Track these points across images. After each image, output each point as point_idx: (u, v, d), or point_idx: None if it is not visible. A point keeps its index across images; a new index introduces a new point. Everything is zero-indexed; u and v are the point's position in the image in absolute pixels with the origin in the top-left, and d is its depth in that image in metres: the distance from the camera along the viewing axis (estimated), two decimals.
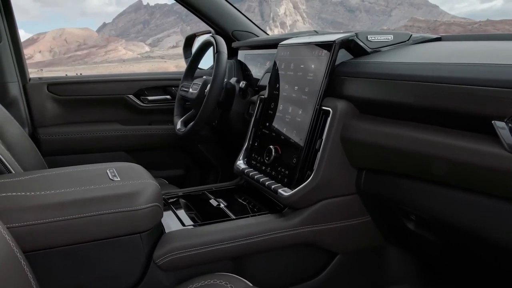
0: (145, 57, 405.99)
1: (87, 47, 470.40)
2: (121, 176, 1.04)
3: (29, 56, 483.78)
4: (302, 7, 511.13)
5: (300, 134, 1.14)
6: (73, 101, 1.94)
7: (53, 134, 1.87)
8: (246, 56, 1.87)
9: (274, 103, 1.30)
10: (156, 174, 2.03)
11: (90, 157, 1.93)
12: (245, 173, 1.32)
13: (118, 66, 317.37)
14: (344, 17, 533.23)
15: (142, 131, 2.01)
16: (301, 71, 1.20)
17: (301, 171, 1.12)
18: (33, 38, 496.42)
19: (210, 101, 1.44)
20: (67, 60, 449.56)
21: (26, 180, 1.02)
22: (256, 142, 1.36)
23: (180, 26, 50.27)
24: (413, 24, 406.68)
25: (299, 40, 1.29)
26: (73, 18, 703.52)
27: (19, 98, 1.81)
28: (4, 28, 1.74)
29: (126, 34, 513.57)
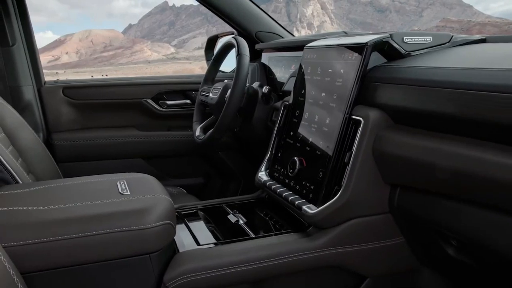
0: (170, 58, 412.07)
1: (112, 49, 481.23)
2: (131, 189, 0.99)
3: (56, 58, 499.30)
4: (330, 8, 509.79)
5: (328, 145, 1.06)
6: (89, 106, 1.92)
7: (68, 140, 1.85)
8: (270, 58, 1.81)
9: (299, 110, 1.23)
10: (175, 182, 2.00)
11: (106, 164, 1.90)
12: (267, 186, 1.26)
13: (143, 67, 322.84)
14: (373, 18, 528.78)
15: (161, 137, 1.97)
16: (329, 76, 1.12)
17: (328, 187, 1.04)
18: (60, 39, 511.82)
19: (231, 107, 1.38)
20: (93, 62, 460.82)
21: (30, 193, 0.98)
22: (279, 153, 1.29)
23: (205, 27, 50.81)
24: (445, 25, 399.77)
25: (327, 42, 1.21)
26: (99, 20, 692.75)
27: (33, 102, 1.80)
28: (19, 30, 1.72)
29: (151, 36, 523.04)
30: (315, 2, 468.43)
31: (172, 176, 2.02)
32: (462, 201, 0.85)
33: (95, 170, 1.90)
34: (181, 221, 1.21)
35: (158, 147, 1.96)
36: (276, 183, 1.24)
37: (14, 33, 1.71)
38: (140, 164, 1.95)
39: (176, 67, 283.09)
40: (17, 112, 1.53)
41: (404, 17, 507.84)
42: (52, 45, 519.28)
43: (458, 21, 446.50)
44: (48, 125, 1.86)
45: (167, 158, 2.01)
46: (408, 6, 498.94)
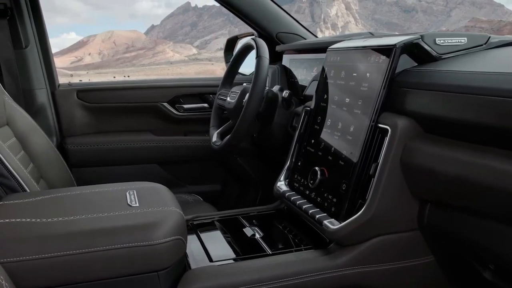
0: (192, 59, 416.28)
1: (135, 49, 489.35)
2: (141, 200, 0.95)
3: (79, 59, 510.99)
4: (354, 8, 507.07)
5: (351, 155, 1.00)
6: (104, 109, 1.90)
7: (81, 145, 1.83)
8: (292, 61, 1.76)
9: (321, 116, 1.17)
10: (191, 189, 1.96)
11: (120, 169, 1.87)
12: (286, 197, 1.20)
13: (165, 68, 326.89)
14: (399, 18, 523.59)
15: (177, 142, 1.93)
16: (353, 80, 1.06)
17: (351, 200, 0.98)
18: (83, 40, 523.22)
19: (248, 112, 1.34)
20: (115, 63, 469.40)
21: (35, 203, 0.95)
22: (300, 161, 1.23)
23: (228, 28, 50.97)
24: (475, 25, 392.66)
25: (352, 44, 1.15)
26: (122, 21, 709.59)
27: (47, 106, 1.78)
28: (32, 32, 1.71)
29: (173, 36, 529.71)
30: (340, 2, 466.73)
31: (188, 183, 1.99)
32: (501, 221, 0.78)
33: (109, 176, 1.88)
34: (194, 233, 1.17)
35: (174, 152, 1.93)
36: (296, 194, 1.19)
37: (28, 35, 1.70)
38: (155, 170, 1.92)
39: (198, 68, 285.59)
40: (30, 116, 1.52)
41: (431, 17, 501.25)
42: (75, 46, 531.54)
43: (488, 21, 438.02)
44: (62, 129, 1.84)
45: (183, 164, 1.97)
46: (435, 6, 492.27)
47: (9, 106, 1.44)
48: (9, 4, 1.63)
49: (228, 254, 1.06)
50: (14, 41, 1.67)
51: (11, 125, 1.44)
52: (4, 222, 0.84)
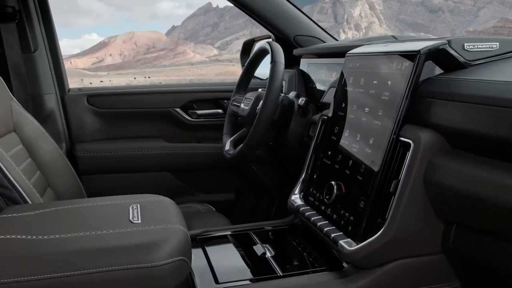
0: (213, 60, 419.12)
1: (156, 50, 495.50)
2: (143, 216, 0.91)
3: (100, 59, 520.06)
4: (379, 8, 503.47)
5: (370, 170, 0.94)
6: (114, 115, 1.87)
7: (91, 151, 1.81)
8: (309, 65, 1.70)
9: (338, 126, 1.11)
10: (204, 198, 1.92)
11: (131, 177, 1.84)
12: (300, 212, 1.15)
13: (186, 69, 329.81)
14: (424, 18, 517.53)
15: (190, 149, 1.89)
16: (373, 88, 1.00)
17: (370, 219, 0.92)
18: (105, 41, 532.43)
19: (262, 121, 1.29)
20: (136, 63, 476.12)
21: (33, 217, 0.92)
22: (315, 174, 1.17)
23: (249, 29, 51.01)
24: (504, 25, 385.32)
25: (372, 49, 1.09)
26: (143, 22, 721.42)
27: (56, 111, 1.77)
28: (41, 35, 1.70)
29: (194, 37, 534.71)
30: (363, 3, 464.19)
31: (201, 192, 1.95)
32: None
33: (119, 184, 1.86)
34: (201, 249, 1.12)
35: (186, 160, 1.89)
36: (311, 209, 1.13)
37: (37, 38, 1.68)
38: (167, 177, 1.89)
39: (219, 69, 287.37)
40: (39, 122, 1.50)
41: (458, 17, 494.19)
42: (96, 47, 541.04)
43: None
44: (72, 135, 1.82)
45: (196, 172, 1.93)
46: (462, 6, 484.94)
47: (17, 112, 1.42)
48: (17, 7, 1.62)
49: (236, 275, 1.00)
50: (23, 45, 1.66)
51: (18, 131, 1.42)
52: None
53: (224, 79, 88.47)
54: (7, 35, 1.61)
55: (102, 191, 1.81)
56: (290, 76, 1.71)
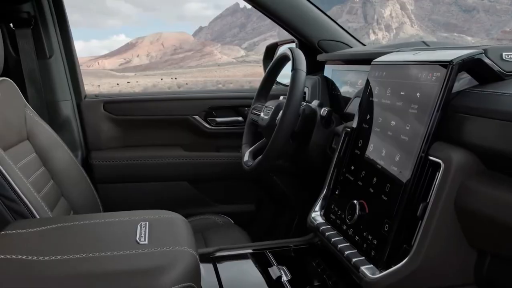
0: (240, 61, 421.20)
1: (182, 51, 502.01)
2: (151, 236, 0.87)
3: (127, 60, 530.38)
4: (410, 8, 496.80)
5: (396, 190, 0.87)
6: (131, 122, 1.85)
7: (107, 159, 1.79)
8: (334, 72, 1.64)
9: (362, 139, 1.05)
10: (222, 209, 1.88)
11: (147, 186, 1.82)
12: (320, 231, 1.09)
13: (213, 70, 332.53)
14: (458, 18, 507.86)
15: (209, 158, 1.86)
16: (401, 100, 0.94)
17: (394, 244, 0.85)
18: (132, 42, 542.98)
19: (281, 133, 1.24)
20: (163, 64, 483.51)
21: (38, 234, 0.89)
22: (337, 190, 1.11)
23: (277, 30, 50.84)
24: None
25: (400, 57, 1.03)
26: (171, 22, 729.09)
27: (72, 118, 1.75)
28: (57, 41, 1.69)
29: (221, 38, 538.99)
30: (394, 2, 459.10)
31: (220, 202, 1.91)
32: None
33: (135, 193, 1.83)
34: (213, 270, 1.07)
35: (205, 169, 1.85)
36: (332, 228, 1.07)
37: (52, 44, 1.67)
38: (185, 187, 1.85)
39: (246, 70, 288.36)
40: (54, 129, 1.49)
41: (494, 17, 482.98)
42: (124, 48, 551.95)
43: None
44: (87, 143, 1.81)
45: (215, 182, 1.89)
46: (498, 5, 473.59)
47: (31, 119, 1.41)
48: (33, 12, 1.61)
49: None
50: (38, 51, 1.65)
51: (32, 140, 1.41)
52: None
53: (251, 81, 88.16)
54: (22, 41, 1.61)
55: (118, 201, 1.79)
56: (314, 83, 1.65)
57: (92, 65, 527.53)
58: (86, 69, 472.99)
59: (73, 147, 1.69)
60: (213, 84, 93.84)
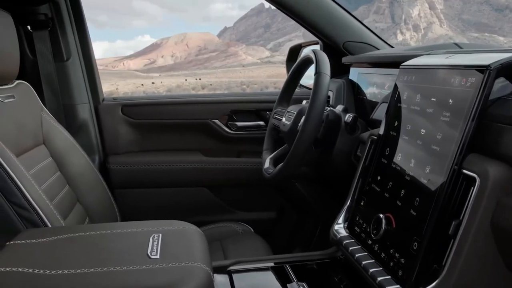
0: (265, 62, 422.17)
1: (207, 52, 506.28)
2: (163, 250, 0.84)
3: (152, 61, 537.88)
4: (439, 7, 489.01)
5: (426, 205, 0.82)
6: (150, 126, 1.83)
7: (125, 164, 1.77)
8: (360, 75, 1.58)
9: (390, 148, 0.99)
10: (243, 216, 1.84)
11: (165, 192, 1.80)
12: (343, 245, 1.04)
13: (238, 71, 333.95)
14: (489, 18, 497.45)
15: (229, 164, 1.82)
16: (431, 107, 0.88)
17: (424, 264, 0.80)
18: (157, 43, 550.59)
19: (304, 139, 1.19)
20: (187, 65, 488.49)
21: (46, 245, 0.87)
22: (362, 201, 1.06)
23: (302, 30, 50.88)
24: None
25: (431, 61, 0.97)
26: (196, 23, 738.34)
27: (89, 122, 1.74)
28: (75, 43, 1.68)
29: (246, 39, 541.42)
30: (423, 2, 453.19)
31: (240, 209, 1.87)
32: None
33: (153, 199, 1.81)
34: (229, 282, 1.03)
35: (225, 175, 1.82)
36: (356, 242, 1.02)
37: (69, 46, 1.66)
38: (204, 193, 1.83)
39: (271, 71, 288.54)
40: (71, 133, 1.48)
41: None
42: (149, 48, 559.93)
43: None
44: (105, 147, 1.80)
45: (235, 188, 1.86)
46: None
47: (47, 123, 1.40)
48: (50, 14, 1.60)
49: None
50: (55, 53, 1.64)
51: (48, 144, 1.40)
52: (5, 271, 0.76)
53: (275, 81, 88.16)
54: (39, 43, 1.60)
55: (135, 207, 1.77)
56: (338, 87, 1.60)
57: (117, 65, 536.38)
58: (111, 69, 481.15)
59: (90, 151, 1.68)
60: (237, 85, 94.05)
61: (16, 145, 1.19)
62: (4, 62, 1.18)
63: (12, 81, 1.30)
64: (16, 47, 1.25)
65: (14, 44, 1.24)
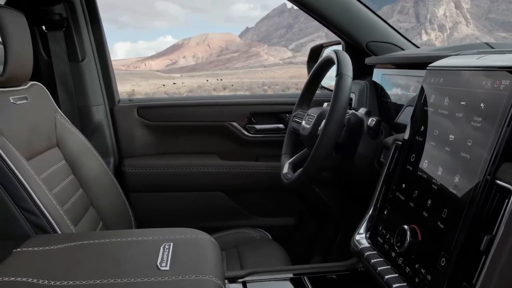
0: (286, 63, 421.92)
1: (229, 52, 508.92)
2: (174, 260, 0.80)
3: (173, 62, 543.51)
4: (465, 7, 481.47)
5: (455, 218, 0.76)
6: (166, 128, 1.81)
7: (140, 167, 1.75)
8: (384, 76, 1.53)
9: (415, 154, 0.94)
10: (260, 222, 1.81)
11: (181, 196, 1.77)
12: (364, 257, 0.99)
13: (259, 71, 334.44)
14: None
15: (247, 168, 1.79)
16: (461, 111, 0.83)
17: (452, 282, 0.74)
18: (178, 43, 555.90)
19: (324, 144, 1.15)
20: (209, 66, 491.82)
21: (53, 253, 0.85)
22: (386, 210, 1.01)
23: (325, 30, 50.53)
24: None
25: (461, 61, 0.92)
26: (217, 24, 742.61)
27: (104, 124, 1.73)
28: (90, 44, 1.66)
29: (268, 39, 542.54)
30: (449, 1, 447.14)
31: (257, 214, 1.83)
32: None
33: (169, 203, 1.79)
34: None
35: (243, 179, 1.79)
36: (378, 254, 0.97)
37: (85, 47, 1.65)
38: (221, 198, 1.79)
39: (293, 72, 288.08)
40: (85, 135, 1.46)
41: None
42: (170, 49, 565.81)
43: None
44: (120, 149, 1.78)
45: (253, 193, 1.82)
46: None
47: (61, 125, 1.39)
48: (65, 14, 1.59)
49: None
50: (70, 54, 1.63)
51: (61, 146, 1.38)
52: (5, 281, 0.73)
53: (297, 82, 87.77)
54: (54, 43, 1.59)
55: (150, 211, 1.75)
56: (361, 89, 1.55)
57: (139, 66, 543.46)
58: (133, 70, 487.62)
59: (105, 154, 1.67)
60: (258, 86, 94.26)
61: (28, 148, 1.18)
62: (17, 63, 1.16)
63: (26, 82, 1.29)
64: (29, 47, 1.23)
65: (27, 44, 1.22)
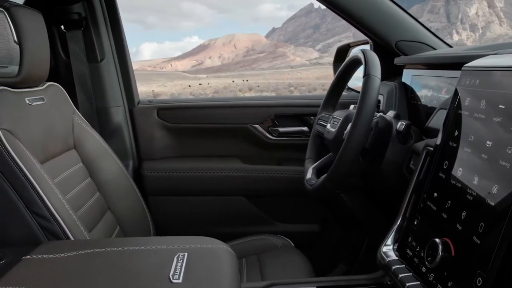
0: (313, 63, 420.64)
1: (255, 53, 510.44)
2: (187, 273, 0.77)
3: (199, 62, 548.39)
4: (499, 6, 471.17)
5: (493, 233, 0.70)
6: (186, 130, 1.79)
7: (160, 170, 1.73)
8: (414, 77, 1.47)
9: (448, 161, 0.89)
10: (283, 229, 1.76)
11: (201, 201, 1.75)
12: (392, 271, 0.93)
13: (285, 72, 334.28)
14: None
15: (269, 172, 1.75)
16: (499, 115, 0.77)
17: None
18: (204, 44, 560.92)
19: (350, 149, 1.10)
20: (234, 66, 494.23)
21: (62, 262, 0.83)
22: (416, 220, 0.95)
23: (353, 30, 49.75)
24: None
25: (500, 61, 0.86)
26: (244, 24, 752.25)
27: (123, 126, 1.71)
28: (109, 44, 1.65)
29: (294, 39, 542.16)
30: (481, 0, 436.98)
31: (280, 221, 1.79)
32: None
33: (188, 207, 1.76)
34: None
35: (265, 184, 1.75)
36: (407, 268, 0.91)
37: (104, 47, 1.64)
38: (242, 203, 1.76)
39: (320, 73, 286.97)
40: (104, 137, 1.45)
41: None
42: (196, 49, 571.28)
43: None
44: (140, 151, 1.77)
45: (275, 198, 1.79)
46: None
47: (79, 127, 1.37)
48: (84, 13, 1.58)
49: None
50: (89, 54, 1.62)
51: (79, 148, 1.37)
52: None
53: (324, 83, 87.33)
54: (72, 43, 1.59)
55: (169, 215, 1.73)
56: (390, 90, 1.49)
57: (165, 66, 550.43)
58: (159, 70, 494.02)
59: (123, 156, 1.66)
60: (284, 87, 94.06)
61: (44, 150, 1.16)
62: (33, 63, 1.14)
63: (43, 83, 1.28)
64: (46, 47, 1.22)
65: (44, 44, 1.21)
